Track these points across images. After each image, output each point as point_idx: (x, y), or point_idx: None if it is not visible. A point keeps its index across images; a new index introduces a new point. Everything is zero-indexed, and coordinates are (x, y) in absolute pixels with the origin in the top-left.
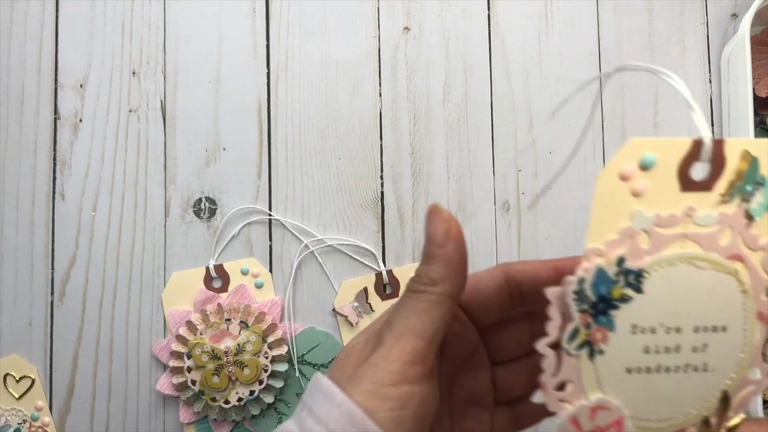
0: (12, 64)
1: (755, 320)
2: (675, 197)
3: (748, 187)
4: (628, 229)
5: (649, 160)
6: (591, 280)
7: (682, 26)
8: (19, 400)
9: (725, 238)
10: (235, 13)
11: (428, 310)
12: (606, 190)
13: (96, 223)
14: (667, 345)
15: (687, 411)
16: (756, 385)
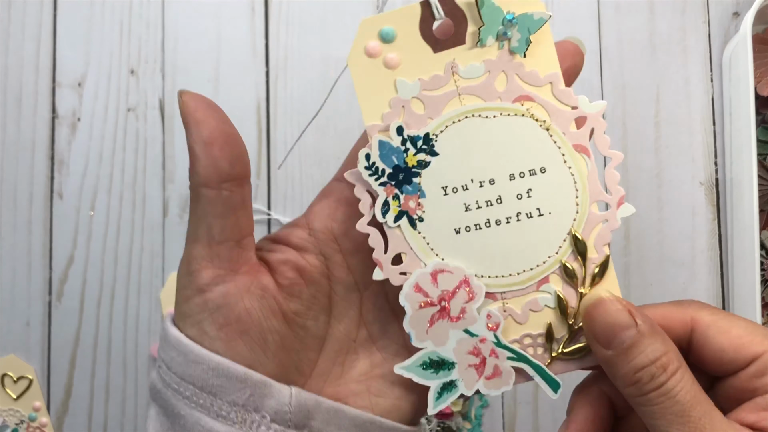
0: (10, 63)
1: (575, 153)
2: (431, 60)
3: (499, 28)
4: (397, 99)
5: (387, 31)
6: (377, 154)
7: (684, 25)
8: (17, 401)
9: (501, 84)
10: (234, 11)
11: (192, 210)
12: (360, 71)
13: (94, 222)
14: (487, 198)
15: (540, 260)
16: (608, 219)
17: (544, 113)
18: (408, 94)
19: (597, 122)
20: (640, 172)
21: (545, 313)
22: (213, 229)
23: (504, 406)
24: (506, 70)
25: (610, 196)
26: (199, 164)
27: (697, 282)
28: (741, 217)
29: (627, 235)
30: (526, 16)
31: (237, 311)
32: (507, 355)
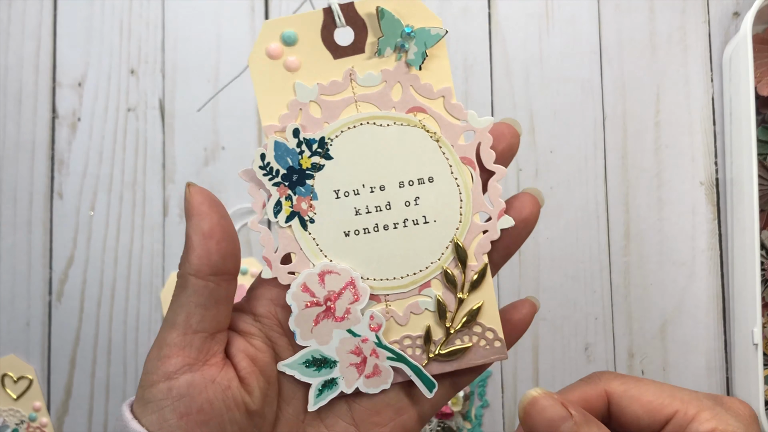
0: (10, 63)
1: (462, 166)
2: (331, 66)
3: (398, 40)
4: (294, 102)
5: (288, 35)
6: (272, 154)
7: (684, 25)
8: (17, 401)
9: (397, 94)
10: (234, 11)
11: (176, 295)
12: (260, 71)
13: (94, 222)
14: (377, 204)
15: (423, 265)
16: (488, 229)
17: (436, 125)
18: (306, 97)
19: (484, 137)
20: (640, 172)
21: (425, 315)
22: (192, 318)
23: (504, 406)
24: (402, 81)
25: (492, 207)
26: (193, 254)
27: (697, 282)
28: (741, 216)
29: (627, 235)
30: (424, 30)
31: (200, 402)
32: (387, 355)
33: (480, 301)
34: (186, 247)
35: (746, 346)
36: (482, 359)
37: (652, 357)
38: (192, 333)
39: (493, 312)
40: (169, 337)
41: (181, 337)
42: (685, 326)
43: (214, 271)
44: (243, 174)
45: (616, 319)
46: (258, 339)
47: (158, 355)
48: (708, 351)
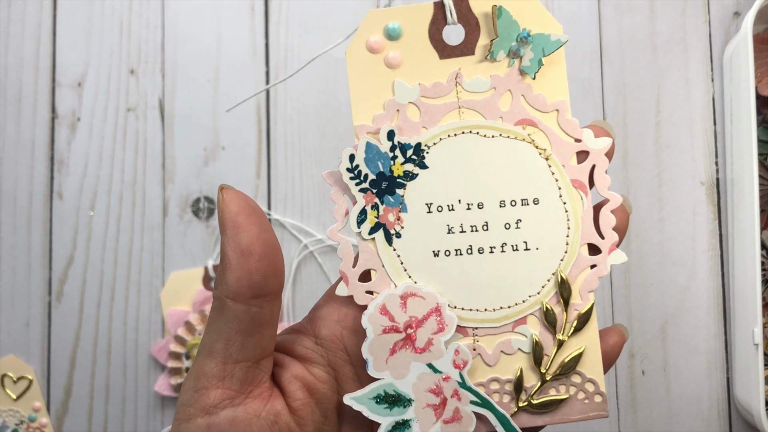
0: (9, 63)
1: (572, 189)
2: (435, 66)
3: (513, 44)
4: (392, 101)
5: (393, 28)
6: (363, 156)
7: (684, 25)
8: (17, 401)
9: (506, 103)
10: (234, 11)
11: (213, 319)
12: (358, 66)
13: (94, 222)
14: (473, 223)
15: (520, 298)
16: (597, 264)
17: (546, 141)
18: (405, 98)
19: (599, 159)
20: (641, 172)
21: (517, 357)
22: (232, 346)
23: None
24: (513, 89)
25: (602, 240)
26: (230, 274)
27: (698, 282)
28: (742, 217)
29: (627, 235)
30: (543, 36)
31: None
32: (470, 398)
33: (582, 346)
34: (222, 265)
35: (747, 347)
36: (579, 415)
37: (653, 357)
38: (233, 363)
39: (596, 360)
40: (207, 366)
41: (221, 367)
42: (685, 326)
43: (256, 293)
44: (327, 175)
45: (616, 319)
46: (318, 367)
47: (195, 386)
48: (708, 351)
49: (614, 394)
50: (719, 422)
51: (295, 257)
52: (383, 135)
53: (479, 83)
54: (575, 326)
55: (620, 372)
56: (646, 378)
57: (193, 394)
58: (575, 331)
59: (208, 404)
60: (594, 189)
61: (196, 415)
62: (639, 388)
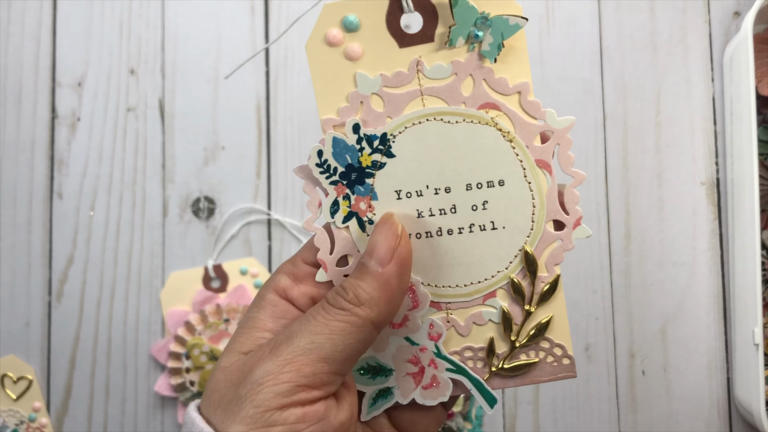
0: (9, 63)
1: (536, 169)
2: (396, 55)
3: (471, 29)
4: (355, 93)
5: (351, 20)
6: (330, 151)
7: (685, 24)
8: (17, 401)
9: (468, 88)
10: (234, 11)
11: (344, 331)
12: (319, 60)
13: (94, 222)
14: (442, 206)
15: (489, 274)
16: (562, 239)
17: (509, 124)
18: (368, 89)
19: (562, 139)
20: (641, 172)
21: (488, 327)
22: (347, 363)
23: (504, 406)
24: (474, 74)
25: (567, 216)
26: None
27: (698, 282)
28: (742, 217)
29: (627, 235)
30: (501, 19)
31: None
32: (446, 366)
33: (549, 314)
34: (380, 293)
35: (747, 347)
36: (549, 376)
37: (653, 357)
38: (340, 375)
39: (563, 327)
40: (319, 368)
41: (330, 376)
42: (685, 326)
43: (385, 324)
44: (298, 170)
45: (616, 320)
46: None
47: (293, 380)
48: (708, 351)
49: (614, 394)
50: (719, 422)
51: None
52: (349, 128)
53: (440, 70)
54: (543, 297)
55: (620, 372)
56: (646, 378)
57: (293, 388)
58: (542, 301)
59: (306, 399)
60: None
61: (291, 406)
62: (639, 388)
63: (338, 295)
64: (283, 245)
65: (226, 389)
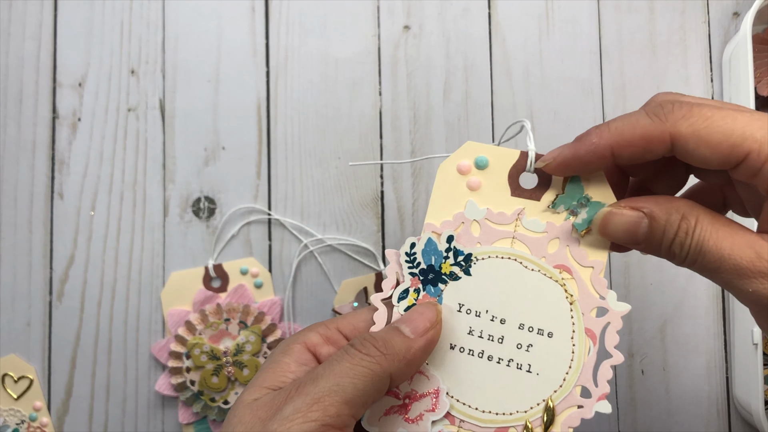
0: (10, 63)
1: (584, 335)
2: (506, 199)
3: (573, 203)
4: (461, 214)
5: (481, 160)
6: (422, 248)
7: (684, 25)
8: (18, 401)
9: (553, 247)
10: (234, 11)
11: (366, 377)
12: (445, 180)
13: (94, 222)
14: (491, 333)
15: (509, 410)
16: (583, 406)
17: (575, 289)
18: (473, 215)
19: (615, 319)
20: None
21: None
22: (362, 408)
23: None
24: (562, 238)
25: (596, 388)
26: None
27: (697, 282)
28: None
29: None
30: (598, 204)
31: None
32: None
33: None
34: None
35: (746, 346)
36: None
37: (652, 357)
38: (358, 417)
39: None
40: (341, 410)
41: (350, 418)
42: (684, 326)
43: (399, 381)
44: (391, 253)
45: None
46: None
47: (320, 419)
48: (708, 351)
49: (614, 394)
50: (719, 422)
51: (295, 257)
52: (444, 236)
53: (536, 224)
54: None
55: (620, 372)
56: (645, 378)
57: (320, 427)
58: None
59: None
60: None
61: None
62: (638, 388)
63: (367, 342)
64: (283, 245)
65: (253, 423)
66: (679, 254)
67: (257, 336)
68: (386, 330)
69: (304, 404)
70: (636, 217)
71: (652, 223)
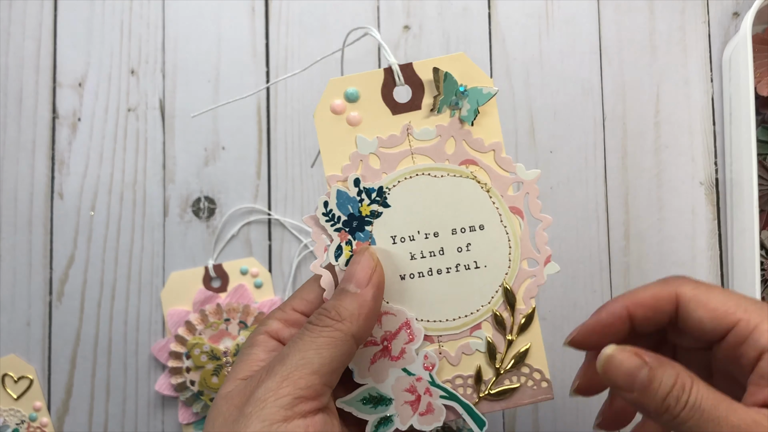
0: (10, 63)
1: (510, 215)
2: (389, 121)
3: (452, 98)
4: (356, 153)
5: (351, 92)
6: (335, 202)
7: (684, 25)
8: (18, 401)
9: (450, 147)
10: (235, 11)
11: (329, 345)
12: (325, 126)
13: (94, 222)
14: (431, 249)
15: (474, 308)
16: (536, 275)
17: (486, 177)
18: (366, 149)
19: (531, 188)
20: (640, 172)
21: (476, 356)
22: (334, 375)
23: None
24: (455, 135)
25: (539, 254)
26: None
27: None
28: (741, 217)
29: (627, 235)
30: (476, 89)
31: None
32: (440, 393)
33: (528, 343)
34: (359, 312)
35: None
36: (529, 399)
37: None
38: (331, 385)
39: (540, 353)
40: (312, 381)
41: (320, 388)
42: None
43: (363, 339)
44: (308, 219)
45: None
46: None
47: (292, 393)
48: None
49: None
50: None
51: (295, 257)
52: (350, 182)
53: (427, 133)
54: (522, 327)
55: None
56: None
57: (293, 401)
58: (521, 331)
59: (306, 410)
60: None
61: (294, 417)
62: None
63: (321, 315)
64: (283, 245)
65: (229, 412)
66: (673, 408)
67: None
68: (335, 295)
69: (275, 383)
70: (639, 362)
71: (651, 372)
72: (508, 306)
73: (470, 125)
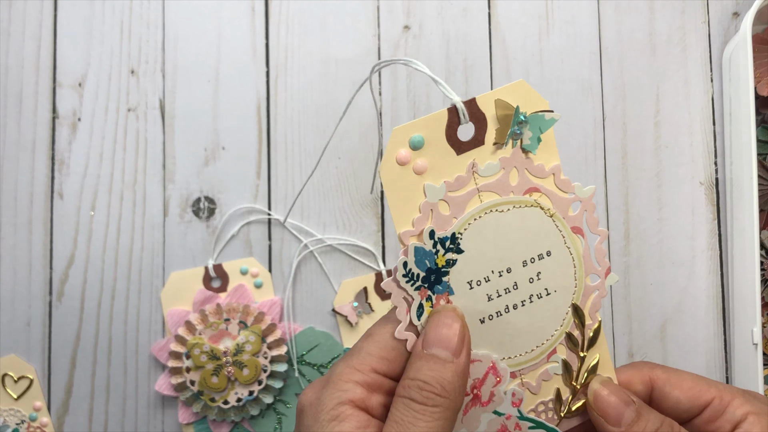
0: (10, 63)
1: (573, 235)
2: (455, 162)
3: (515, 128)
4: (426, 203)
5: (417, 140)
6: (413, 260)
7: (684, 25)
8: (18, 401)
9: (514, 178)
10: (234, 11)
11: (444, 428)
12: (392, 179)
13: (94, 222)
14: (506, 286)
15: (549, 334)
16: (598, 289)
17: (549, 202)
18: (435, 197)
19: (588, 205)
20: (640, 172)
21: (554, 379)
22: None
23: None
24: (518, 166)
25: (599, 267)
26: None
27: (697, 282)
28: (741, 216)
29: (627, 235)
30: (537, 116)
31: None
32: (528, 425)
33: (596, 355)
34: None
35: (746, 346)
36: None
37: (652, 357)
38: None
39: (607, 362)
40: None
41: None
42: (684, 326)
43: None
44: (385, 286)
45: (615, 320)
46: None
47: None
48: (708, 351)
49: None
50: None
51: (295, 257)
52: (426, 235)
53: (491, 168)
54: (591, 341)
55: None
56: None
57: None
58: (591, 345)
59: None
60: None
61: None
62: None
63: (425, 391)
64: (283, 245)
65: None
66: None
67: (257, 336)
68: (427, 363)
69: None
70: (627, 399)
71: (640, 408)
72: (578, 323)
73: (534, 154)
